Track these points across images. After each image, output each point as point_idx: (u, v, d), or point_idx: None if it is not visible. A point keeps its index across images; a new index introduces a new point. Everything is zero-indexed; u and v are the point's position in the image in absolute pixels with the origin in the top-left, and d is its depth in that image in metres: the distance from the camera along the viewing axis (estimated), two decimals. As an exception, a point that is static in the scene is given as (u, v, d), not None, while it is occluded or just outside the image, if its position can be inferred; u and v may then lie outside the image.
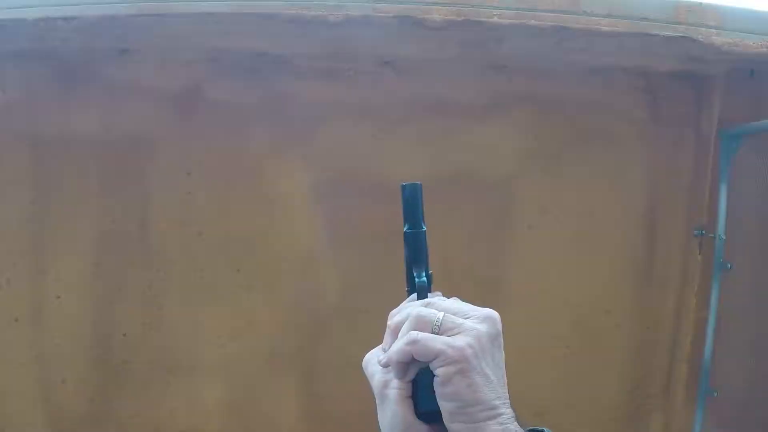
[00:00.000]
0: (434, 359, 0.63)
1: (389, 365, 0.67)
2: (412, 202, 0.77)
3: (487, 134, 2.61)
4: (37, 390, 2.52)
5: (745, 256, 2.52)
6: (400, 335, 0.66)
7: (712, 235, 2.57)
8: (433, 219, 2.67)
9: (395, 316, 0.70)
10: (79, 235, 2.49)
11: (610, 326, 2.72)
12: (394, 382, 0.68)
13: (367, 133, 2.58)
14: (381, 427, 0.71)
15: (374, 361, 0.71)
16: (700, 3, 2.23)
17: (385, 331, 0.72)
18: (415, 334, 0.64)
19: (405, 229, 0.77)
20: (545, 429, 0.72)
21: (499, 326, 0.67)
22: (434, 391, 0.64)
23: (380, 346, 0.72)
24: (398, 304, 0.74)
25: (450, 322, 0.65)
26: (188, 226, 2.55)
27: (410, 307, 0.69)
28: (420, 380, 0.67)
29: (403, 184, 0.77)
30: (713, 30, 2.23)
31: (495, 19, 2.13)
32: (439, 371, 0.63)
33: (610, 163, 2.67)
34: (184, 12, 2.08)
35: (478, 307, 0.69)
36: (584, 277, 2.69)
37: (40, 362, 2.51)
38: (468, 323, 0.65)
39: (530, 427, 0.71)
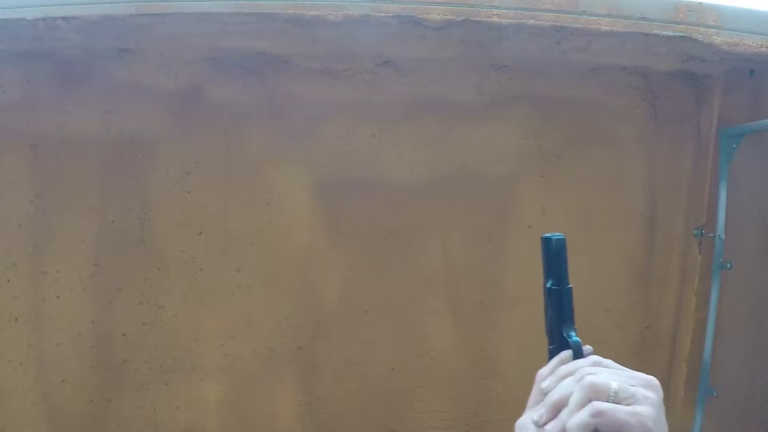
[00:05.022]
0: (617, 430, 0.64)
1: None
2: (557, 257, 0.72)
3: (487, 134, 2.61)
4: (37, 390, 2.52)
5: (745, 256, 2.52)
6: (575, 405, 0.66)
7: (712, 235, 2.56)
8: (433, 219, 2.65)
9: (549, 380, 0.70)
10: (79, 235, 2.49)
11: (610, 326, 2.72)
12: None
13: (367, 133, 2.58)
14: None
15: (530, 429, 0.71)
16: (700, 3, 2.23)
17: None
18: (599, 404, 0.65)
19: (548, 285, 0.72)
20: None
21: (662, 392, 0.68)
22: None
23: (530, 413, 0.71)
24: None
25: (625, 392, 0.66)
26: (188, 226, 2.55)
27: (579, 373, 0.69)
28: None
29: (547, 236, 0.71)
30: (713, 30, 2.23)
31: (495, 18, 2.14)
32: None
33: (610, 163, 2.67)
34: (184, 12, 2.08)
35: (637, 373, 0.70)
36: (584, 277, 2.69)
37: (40, 362, 2.52)
38: (640, 392, 0.67)
39: None
